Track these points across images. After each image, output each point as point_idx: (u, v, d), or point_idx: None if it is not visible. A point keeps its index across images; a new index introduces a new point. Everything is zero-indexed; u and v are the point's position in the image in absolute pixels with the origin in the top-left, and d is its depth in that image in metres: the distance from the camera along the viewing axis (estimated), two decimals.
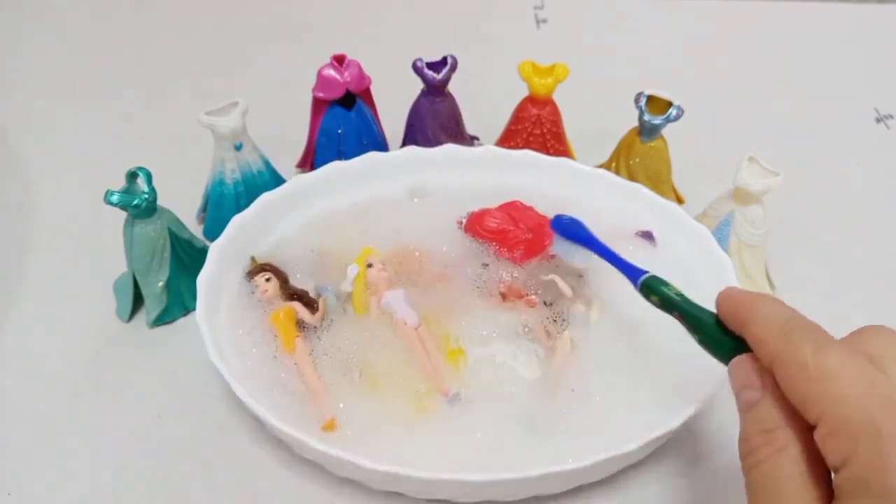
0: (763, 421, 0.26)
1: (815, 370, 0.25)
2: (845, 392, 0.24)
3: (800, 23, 0.78)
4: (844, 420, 0.24)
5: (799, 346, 0.26)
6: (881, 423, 0.23)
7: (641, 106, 0.49)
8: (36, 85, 0.68)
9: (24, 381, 0.43)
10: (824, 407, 0.24)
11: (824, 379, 0.25)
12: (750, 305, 0.29)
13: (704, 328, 0.32)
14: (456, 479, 0.34)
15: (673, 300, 0.34)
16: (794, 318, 0.28)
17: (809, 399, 0.25)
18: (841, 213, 0.56)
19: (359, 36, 0.73)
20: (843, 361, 0.25)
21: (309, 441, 0.34)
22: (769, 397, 0.27)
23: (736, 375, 0.29)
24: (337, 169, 0.49)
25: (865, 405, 0.24)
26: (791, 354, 0.26)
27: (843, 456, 0.23)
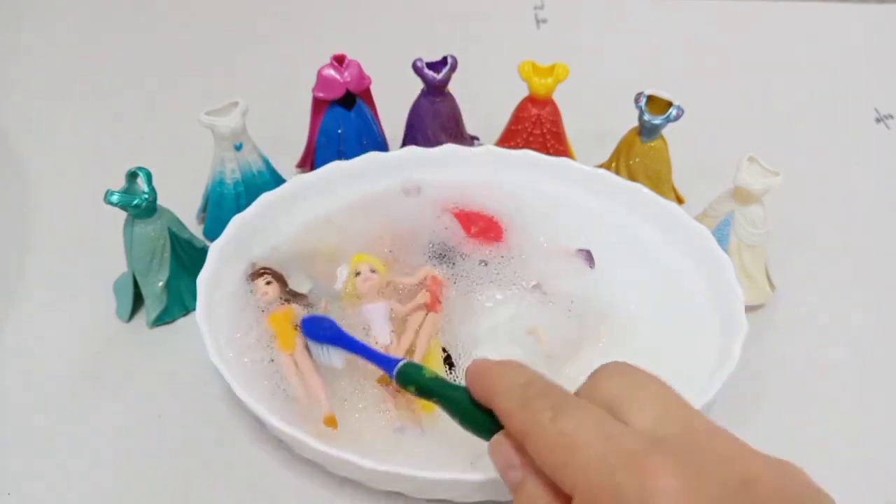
0: (531, 500, 0.26)
1: (555, 439, 0.25)
2: (586, 457, 0.24)
3: (800, 23, 0.78)
4: (590, 487, 0.23)
5: (538, 415, 0.26)
6: (622, 486, 0.22)
7: (641, 106, 0.49)
8: (36, 85, 0.68)
9: (24, 381, 0.43)
10: (572, 477, 0.24)
11: (566, 447, 0.24)
12: (493, 375, 0.28)
13: (460, 409, 0.30)
14: (456, 479, 0.34)
15: (428, 385, 0.32)
16: (534, 383, 0.27)
17: (559, 470, 0.24)
18: (841, 213, 0.56)
19: (359, 36, 0.73)
20: (579, 424, 0.25)
21: (309, 441, 0.34)
22: (531, 475, 0.26)
23: (496, 457, 0.28)
24: (337, 169, 0.49)
25: (605, 468, 0.23)
26: (532, 426, 0.26)
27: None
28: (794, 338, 0.47)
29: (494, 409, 0.28)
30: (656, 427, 0.25)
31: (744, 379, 0.38)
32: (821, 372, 0.45)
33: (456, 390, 0.31)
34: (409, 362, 0.34)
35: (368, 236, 0.47)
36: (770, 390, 0.43)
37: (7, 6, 0.77)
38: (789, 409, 0.42)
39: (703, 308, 0.43)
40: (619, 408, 0.26)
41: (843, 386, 0.44)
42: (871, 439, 0.42)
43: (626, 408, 0.25)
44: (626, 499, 0.22)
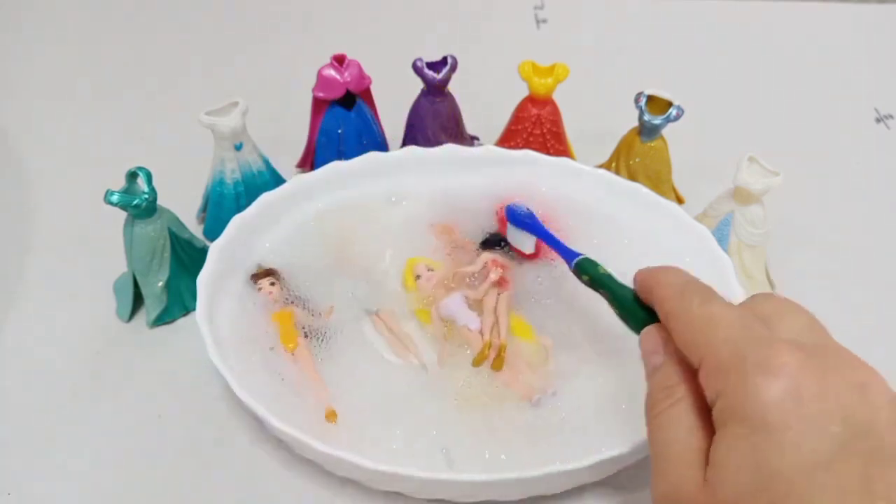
0: (665, 379, 0.28)
1: (698, 319, 0.27)
2: (722, 334, 0.26)
3: (800, 23, 0.78)
4: (719, 358, 0.26)
5: (688, 300, 0.29)
6: (747, 355, 0.25)
7: (641, 106, 0.49)
8: (36, 85, 0.68)
9: (24, 381, 0.43)
10: (704, 350, 0.26)
11: (706, 325, 0.27)
12: (657, 274, 0.32)
13: (623, 301, 0.34)
14: (456, 479, 0.34)
15: (601, 278, 0.36)
16: (690, 282, 0.31)
17: (693, 345, 0.27)
18: (841, 213, 0.56)
19: (359, 36, 0.73)
20: (723, 310, 0.27)
21: (309, 441, 0.34)
22: (671, 359, 0.29)
23: (644, 342, 0.31)
24: (337, 169, 0.49)
25: (737, 343, 0.26)
26: (681, 308, 0.29)
27: (717, 390, 0.25)
28: None
29: (653, 298, 0.31)
30: (795, 336, 0.27)
31: None
32: None
33: (623, 287, 0.35)
34: (587, 257, 0.38)
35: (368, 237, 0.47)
36: None
37: (7, 6, 0.77)
38: None
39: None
40: (768, 320, 0.27)
41: None
42: None
43: (773, 323, 0.27)
44: (749, 364, 0.24)
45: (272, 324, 0.42)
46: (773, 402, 0.23)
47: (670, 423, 0.27)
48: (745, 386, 0.24)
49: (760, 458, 0.23)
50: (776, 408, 0.23)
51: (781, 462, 0.23)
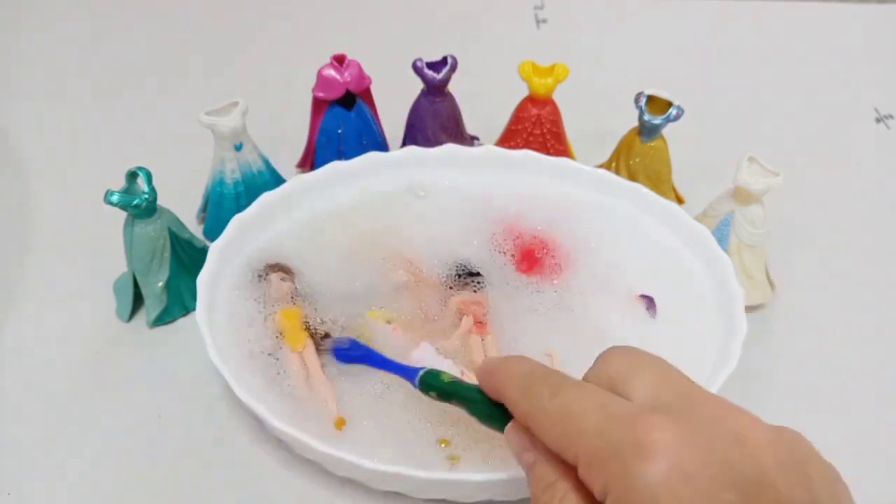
0: (543, 478, 0.27)
1: (555, 414, 0.26)
2: (583, 425, 0.25)
3: (800, 23, 0.78)
4: (592, 454, 0.24)
5: (538, 396, 0.27)
6: (619, 445, 0.23)
7: (641, 106, 0.49)
8: (36, 85, 0.68)
9: (24, 381, 0.43)
10: (573, 446, 0.25)
11: (565, 419, 0.26)
12: (500, 368, 0.30)
13: (477, 405, 0.32)
14: (456, 479, 0.34)
15: (447, 389, 0.34)
16: (534, 371, 0.29)
17: (561, 443, 0.26)
18: (841, 213, 0.56)
19: (359, 36, 0.73)
20: (575, 397, 0.26)
21: (309, 441, 0.34)
22: (542, 456, 0.27)
23: (511, 443, 0.29)
24: (337, 169, 0.49)
25: (602, 431, 0.24)
26: (533, 407, 0.27)
27: (602, 486, 0.24)
28: (794, 338, 0.47)
29: (503, 399, 0.29)
30: (654, 396, 0.26)
31: (744, 379, 0.38)
32: (821, 372, 0.45)
33: (471, 390, 0.32)
34: (429, 370, 0.35)
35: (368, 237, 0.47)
36: (770, 390, 0.43)
37: (7, 6, 0.77)
38: (789, 409, 0.42)
39: (703, 308, 0.43)
40: (621, 384, 0.27)
41: (843, 386, 0.44)
42: (871, 439, 0.42)
43: (626, 384, 0.26)
44: (624, 454, 0.23)
45: (274, 322, 0.42)
46: (660, 487, 0.22)
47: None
48: (628, 476, 0.23)
49: None
50: (665, 491, 0.22)
51: None
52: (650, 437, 0.23)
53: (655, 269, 0.45)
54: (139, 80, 0.68)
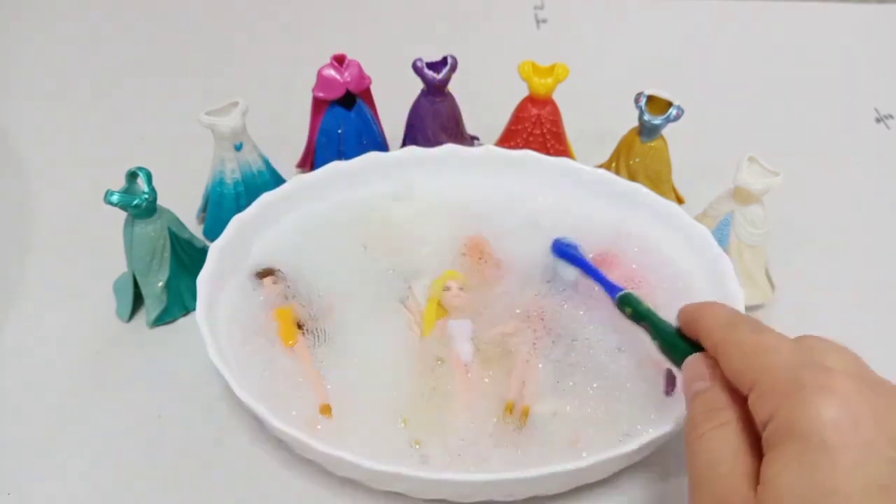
0: (710, 402, 0.28)
1: (751, 346, 0.28)
2: (775, 360, 0.27)
3: (800, 23, 0.78)
4: (773, 382, 0.26)
5: (739, 329, 0.29)
6: (804, 378, 0.25)
7: (641, 106, 0.49)
8: (36, 85, 0.68)
9: (24, 381, 0.43)
10: (757, 375, 0.27)
11: (759, 352, 0.28)
12: (704, 307, 0.33)
13: (665, 334, 0.35)
14: (456, 479, 0.34)
15: (643, 312, 0.37)
16: (739, 314, 0.31)
17: (745, 370, 0.27)
18: (841, 213, 0.56)
19: (359, 36, 0.73)
20: (777, 339, 0.28)
21: (309, 441, 0.34)
22: (717, 384, 0.29)
23: (688, 370, 0.31)
24: (337, 169, 0.49)
25: (794, 368, 0.26)
26: (732, 337, 0.29)
27: (770, 411, 0.25)
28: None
29: (700, 329, 0.31)
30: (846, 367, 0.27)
31: None
32: None
33: (664, 322, 0.36)
34: (629, 292, 0.39)
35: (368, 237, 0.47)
36: None
37: (7, 6, 0.77)
38: None
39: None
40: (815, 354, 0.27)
41: None
42: None
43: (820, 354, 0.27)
44: (806, 388, 0.25)
45: (272, 322, 0.42)
46: (831, 423, 0.24)
47: (716, 444, 0.27)
48: (804, 405, 0.24)
49: (818, 476, 0.23)
50: (834, 428, 0.23)
51: (839, 481, 0.23)
52: (836, 383, 0.25)
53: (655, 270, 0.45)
54: (139, 80, 0.68)
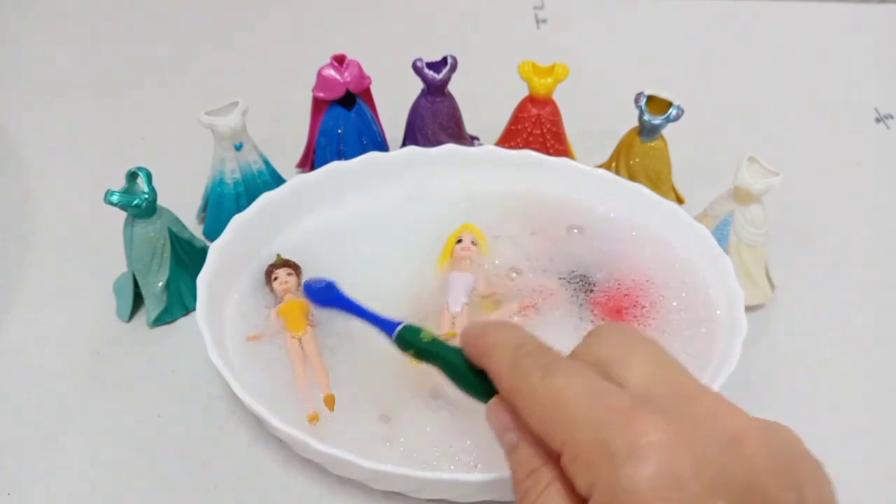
0: (526, 462, 0.26)
1: (545, 397, 0.25)
2: (573, 414, 0.24)
3: (800, 23, 0.78)
4: (578, 444, 0.23)
5: (528, 374, 0.26)
6: (610, 441, 0.22)
7: (641, 106, 0.49)
8: (36, 85, 0.68)
9: (24, 381, 0.43)
10: (560, 434, 0.24)
11: (554, 405, 0.24)
12: (487, 335, 0.28)
13: (459, 371, 0.30)
14: (456, 479, 0.34)
15: (426, 348, 0.32)
16: (525, 345, 0.27)
17: (547, 428, 0.25)
18: (841, 213, 0.56)
19: (359, 36, 0.73)
20: (568, 382, 0.25)
21: (309, 441, 0.34)
22: (526, 438, 0.26)
23: (492, 419, 0.28)
24: (337, 169, 0.49)
25: (593, 423, 0.23)
26: (522, 385, 0.26)
27: (588, 483, 0.23)
28: (794, 338, 0.47)
29: (487, 369, 0.28)
30: (647, 387, 0.25)
31: (744, 379, 0.38)
32: (821, 372, 0.45)
33: (454, 353, 0.30)
34: (408, 325, 0.33)
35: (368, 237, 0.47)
36: (770, 390, 0.43)
37: (7, 6, 0.77)
38: (789, 409, 0.42)
39: (704, 308, 0.43)
40: (613, 367, 0.26)
41: (843, 386, 0.44)
42: (871, 439, 0.42)
43: (620, 368, 0.25)
44: (614, 453, 0.22)
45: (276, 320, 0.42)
46: (650, 493, 0.21)
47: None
48: (618, 479, 0.22)
49: None
50: (657, 495, 0.21)
51: None
52: (642, 438, 0.22)
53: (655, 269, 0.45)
54: (139, 80, 0.68)
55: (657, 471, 0.21)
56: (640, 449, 0.22)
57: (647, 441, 0.22)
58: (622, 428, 0.23)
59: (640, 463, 0.22)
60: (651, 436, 0.22)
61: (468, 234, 0.46)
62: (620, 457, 0.22)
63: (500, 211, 0.49)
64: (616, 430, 0.23)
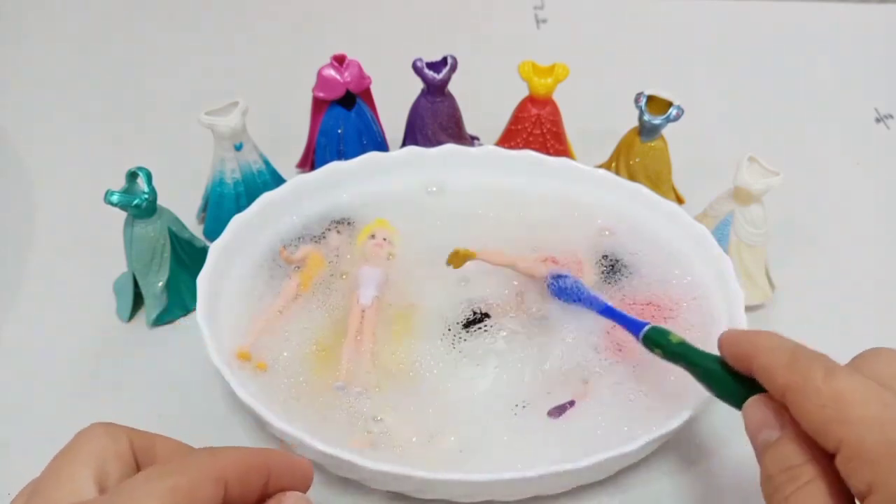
0: (785, 458, 0.26)
1: (828, 396, 0.25)
2: (860, 414, 0.24)
3: (800, 23, 0.78)
4: (863, 444, 0.24)
5: (809, 372, 0.26)
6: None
7: (641, 106, 0.49)
8: (36, 85, 0.68)
9: (24, 380, 0.43)
10: (841, 432, 0.24)
11: (838, 404, 0.25)
12: (753, 341, 0.29)
13: (711, 373, 0.31)
14: (456, 479, 0.34)
15: (675, 350, 0.33)
16: (800, 348, 0.28)
17: (826, 426, 0.25)
18: (841, 213, 0.56)
19: (359, 36, 0.73)
20: (854, 385, 0.25)
21: (309, 441, 0.34)
22: (789, 433, 0.26)
23: (751, 416, 0.28)
24: (337, 169, 0.49)
25: (882, 427, 0.23)
26: (802, 382, 0.26)
27: (867, 482, 0.23)
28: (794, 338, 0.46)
29: (755, 368, 0.28)
30: None
31: None
32: None
33: (707, 358, 0.32)
34: (655, 326, 0.35)
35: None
36: None
37: (7, 6, 0.77)
38: None
39: (703, 308, 0.43)
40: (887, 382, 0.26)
41: None
42: None
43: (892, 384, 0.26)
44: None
45: (300, 257, 0.44)
46: None
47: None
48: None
49: None
50: None
51: None
52: None
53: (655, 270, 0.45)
54: (139, 80, 0.68)
55: None
56: None
57: None
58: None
59: None
60: None
61: (381, 230, 0.46)
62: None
63: (500, 211, 0.49)
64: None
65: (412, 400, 0.39)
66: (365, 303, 0.43)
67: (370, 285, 0.43)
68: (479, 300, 0.43)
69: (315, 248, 0.46)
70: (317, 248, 0.46)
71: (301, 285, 0.44)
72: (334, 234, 0.46)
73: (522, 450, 0.37)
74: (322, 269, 0.45)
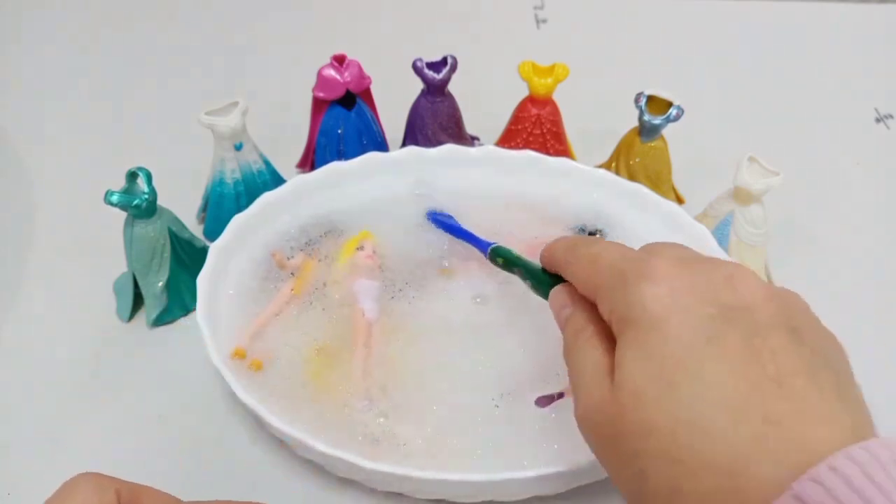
0: (574, 325, 0.31)
1: (587, 258, 0.31)
2: (605, 263, 0.30)
3: (800, 23, 0.78)
4: (606, 282, 0.29)
5: (578, 248, 0.32)
6: (625, 271, 0.28)
7: (641, 106, 0.49)
8: (36, 85, 0.68)
9: (24, 380, 0.43)
10: (596, 280, 0.30)
11: (593, 261, 0.31)
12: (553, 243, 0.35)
13: (533, 273, 0.37)
14: (456, 480, 0.34)
15: (513, 259, 0.40)
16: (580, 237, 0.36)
17: (588, 281, 0.30)
18: (841, 213, 0.56)
19: (359, 36, 0.73)
20: (604, 246, 0.31)
21: (309, 441, 0.34)
22: (579, 307, 0.31)
23: (553, 301, 0.34)
24: (337, 169, 0.49)
25: (619, 265, 0.29)
26: (573, 256, 0.32)
27: (609, 309, 0.28)
28: None
29: (553, 261, 0.34)
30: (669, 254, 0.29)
31: None
32: None
33: (532, 263, 0.38)
34: (499, 245, 0.42)
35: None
36: None
37: (7, 6, 0.77)
38: None
39: None
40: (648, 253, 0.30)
41: None
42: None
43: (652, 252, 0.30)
44: (628, 280, 0.27)
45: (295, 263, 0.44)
46: (652, 300, 0.26)
47: (581, 354, 0.29)
48: (629, 294, 0.27)
49: (651, 349, 0.26)
50: (656, 304, 0.26)
51: (668, 347, 0.25)
52: (654, 269, 0.27)
53: None
54: (139, 80, 0.68)
55: (658, 287, 0.27)
56: (649, 272, 0.27)
57: (655, 268, 0.27)
58: (637, 264, 0.28)
59: (647, 281, 0.27)
60: (660, 267, 0.27)
61: (369, 242, 0.46)
62: (632, 280, 0.27)
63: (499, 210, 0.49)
64: (632, 266, 0.28)
65: (414, 401, 0.39)
66: (371, 317, 0.42)
67: (370, 297, 0.43)
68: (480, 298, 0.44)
69: (308, 257, 0.45)
70: (310, 257, 0.45)
71: (294, 290, 0.43)
72: (326, 241, 0.46)
73: (522, 449, 0.37)
74: (315, 275, 0.44)
